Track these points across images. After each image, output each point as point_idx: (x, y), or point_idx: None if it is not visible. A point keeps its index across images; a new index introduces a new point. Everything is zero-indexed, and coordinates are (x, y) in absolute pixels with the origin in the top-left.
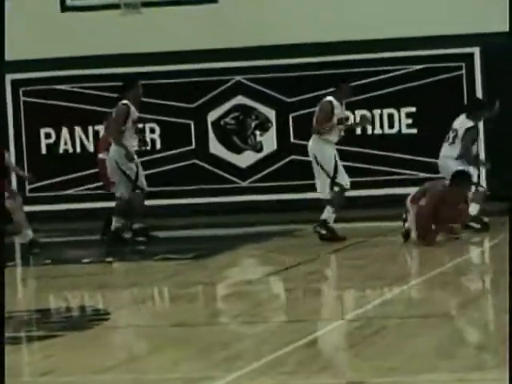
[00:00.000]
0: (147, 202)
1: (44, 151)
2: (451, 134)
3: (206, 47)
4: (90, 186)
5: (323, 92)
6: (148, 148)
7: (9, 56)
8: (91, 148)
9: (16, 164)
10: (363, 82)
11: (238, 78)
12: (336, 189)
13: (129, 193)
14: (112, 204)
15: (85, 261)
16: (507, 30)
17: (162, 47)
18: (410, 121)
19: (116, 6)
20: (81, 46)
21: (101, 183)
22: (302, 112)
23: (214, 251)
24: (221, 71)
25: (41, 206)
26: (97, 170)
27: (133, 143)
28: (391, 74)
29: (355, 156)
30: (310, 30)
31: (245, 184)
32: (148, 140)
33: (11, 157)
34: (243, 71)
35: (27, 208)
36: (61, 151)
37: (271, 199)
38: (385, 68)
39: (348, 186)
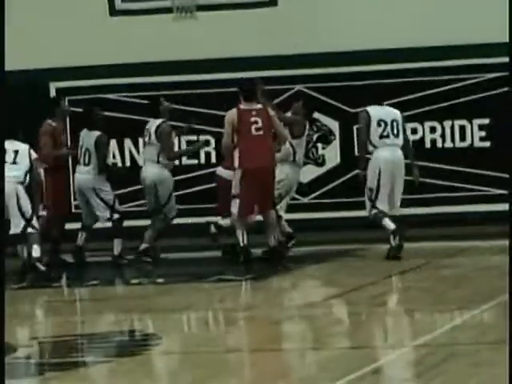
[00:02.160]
0: (201, 219)
1: None
2: None
3: (264, 54)
4: (140, 201)
5: (390, 102)
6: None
7: (53, 63)
8: (141, 161)
9: None
10: (432, 91)
11: (298, 86)
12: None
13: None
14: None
15: (133, 282)
16: None
17: (217, 54)
18: (483, 133)
19: (168, 10)
20: (130, 52)
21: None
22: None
23: (272, 272)
24: (280, 80)
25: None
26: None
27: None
28: (463, 83)
29: (424, 171)
30: (375, 36)
31: (306, 200)
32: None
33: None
34: (304, 80)
35: (72, 225)
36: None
37: (334, 216)
38: (456, 77)
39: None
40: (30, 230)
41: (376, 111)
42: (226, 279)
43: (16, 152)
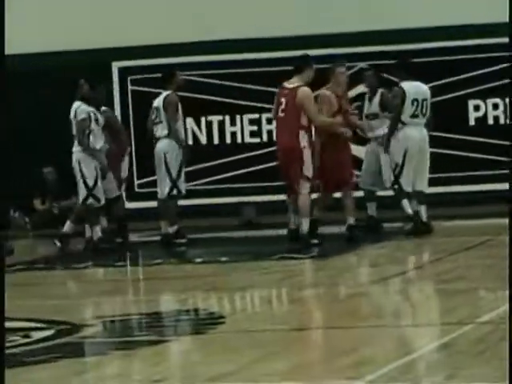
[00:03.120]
0: (263, 197)
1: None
2: None
3: (324, 31)
4: (200, 181)
5: (456, 78)
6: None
7: (115, 42)
8: (204, 140)
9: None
10: (495, 68)
11: (361, 64)
12: None
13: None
14: (224, 200)
15: (197, 260)
16: None
17: (278, 32)
18: None
19: None
20: (192, 30)
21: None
22: (433, 100)
23: (335, 250)
24: (342, 57)
25: (149, 203)
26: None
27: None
28: None
29: (487, 147)
30: (438, 13)
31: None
32: None
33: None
34: (366, 57)
35: (136, 204)
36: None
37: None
38: None
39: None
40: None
41: (411, 89)
42: (288, 257)
43: None
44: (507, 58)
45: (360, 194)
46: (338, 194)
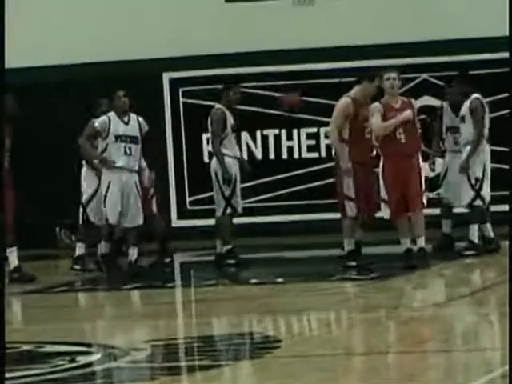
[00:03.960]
0: (319, 216)
1: (206, 159)
2: None
3: (387, 41)
4: (257, 198)
5: None
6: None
7: (166, 53)
8: (259, 155)
9: (175, 174)
10: None
11: (424, 75)
12: None
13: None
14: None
15: (253, 281)
16: None
17: (337, 41)
18: None
19: None
20: (247, 40)
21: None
22: (495, 114)
23: (397, 271)
24: (405, 68)
25: (202, 221)
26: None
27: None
28: None
29: None
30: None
31: (431, 195)
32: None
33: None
34: (430, 68)
35: (187, 222)
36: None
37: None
38: None
39: None
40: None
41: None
42: (347, 278)
43: None
44: None
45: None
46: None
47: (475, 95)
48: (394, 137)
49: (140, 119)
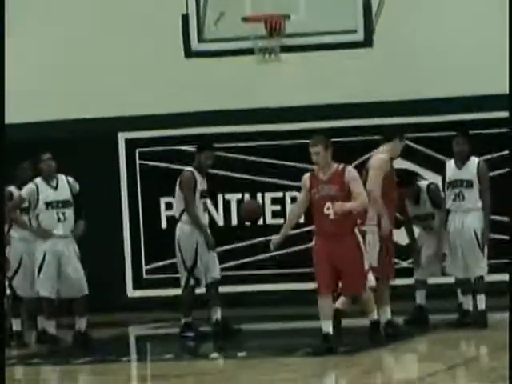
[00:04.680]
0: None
1: (164, 225)
2: None
3: (355, 100)
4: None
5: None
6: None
7: (122, 111)
8: (221, 222)
9: (131, 240)
10: None
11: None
12: None
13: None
14: (245, 288)
15: (212, 356)
16: None
17: (304, 100)
18: None
19: (250, 52)
20: (208, 99)
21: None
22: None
23: (368, 344)
24: (374, 128)
25: (159, 291)
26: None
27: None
28: None
29: None
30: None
31: (405, 264)
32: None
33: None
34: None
35: (143, 292)
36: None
37: (442, 282)
38: None
39: None
40: None
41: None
42: (311, 353)
43: None
44: None
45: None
46: None
47: (480, 159)
48: (322, 212)
49: (70, 179)
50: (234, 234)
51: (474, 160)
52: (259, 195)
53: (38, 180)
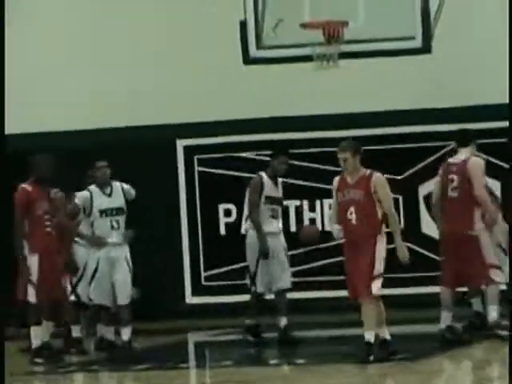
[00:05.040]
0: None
1: (223, 231)
2: None
3: (415, 107)
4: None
5: None
6: None
7: (181, 118)
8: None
9: (190, 246)
10: None
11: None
12: None
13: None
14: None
15: (271, 362)
16: None
17: (362, 107)
18: None
19: (308, 58)
20: (266, 105)
21: None
22: None
23: (424, 353)
24: (434, 135)
25: (217, 297)
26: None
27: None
28: None
29: None
30: None
31: None
32: None
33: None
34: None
35: (202, 299)
36: (243, 232)
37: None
38: None
39: None
40: None
41: None
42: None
43: None
44: None
45: None
46: None
47: None
48: (345, 216)
49: (125, 186)
50: (292, 241)
51: None
52: (317, 202)
53: (93, 187)
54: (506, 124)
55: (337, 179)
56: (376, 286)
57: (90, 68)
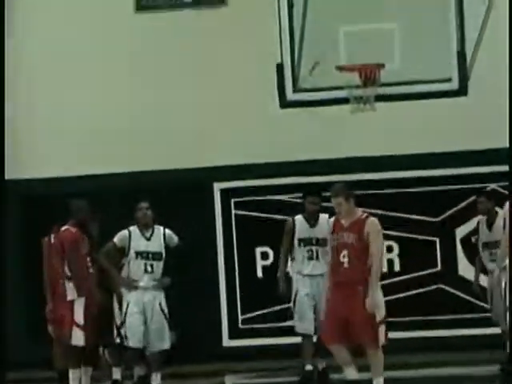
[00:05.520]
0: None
1: (260, 274)
2: None
3: (453, 149)
4: None
5: None
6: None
7: (217, 161)
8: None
9: (227, 289)
10: None
11: (492, 185)
12: None
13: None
14: None
15: None
16: None
17: (398, 150)
18: None
19: (344, 101)
20: (303, 148)
21: None
22: None
23: None
24: (471, 177)
25: (255, 340)
26: None
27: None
28: None
29: None
30: None
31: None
32: None
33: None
34: (499, 177)
35: (239, 342)
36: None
37: None
38: None
39: None
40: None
41: None
42: None
43: None
44: None
45: None
46: None
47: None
48: (338, 259)
49: (167, 232)
50: None
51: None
52: None
53: (133, 228)
54: None
55: (331, 221)
56: (382, 335)
57: (129, 107)
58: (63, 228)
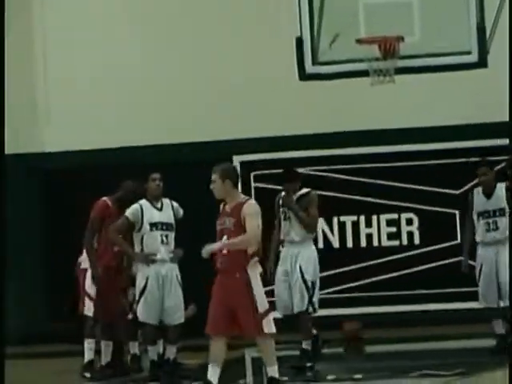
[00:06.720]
0: (398, 308)
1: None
2: None
3: (472, 121)
4: (333, 289)
5: None
6: None
7: (237, 134)
8: (336, 244)
9: None
10: None
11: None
12: None
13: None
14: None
15: (329, 378)
16: None
17: (419, 122)
18: None
19: (364, 73)
20: (322, 121)
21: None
22: None
23: (484, 366)
24: (491, 150)
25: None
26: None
27: None
28: None
29: None
30: None
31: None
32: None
33: None
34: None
35: None
36: None
37: None
38: None
39: None
40: None
41: None
42: (429, 374)
43: None
44: None
45: None
46: None
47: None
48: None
49: (174, 204)
50: (350, 256)
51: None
52: (374, 217)
53: (143, 201)
54: None
55: (221, 206)
56: (268, 325)
57: (149, 83)
58: (102, 199)
